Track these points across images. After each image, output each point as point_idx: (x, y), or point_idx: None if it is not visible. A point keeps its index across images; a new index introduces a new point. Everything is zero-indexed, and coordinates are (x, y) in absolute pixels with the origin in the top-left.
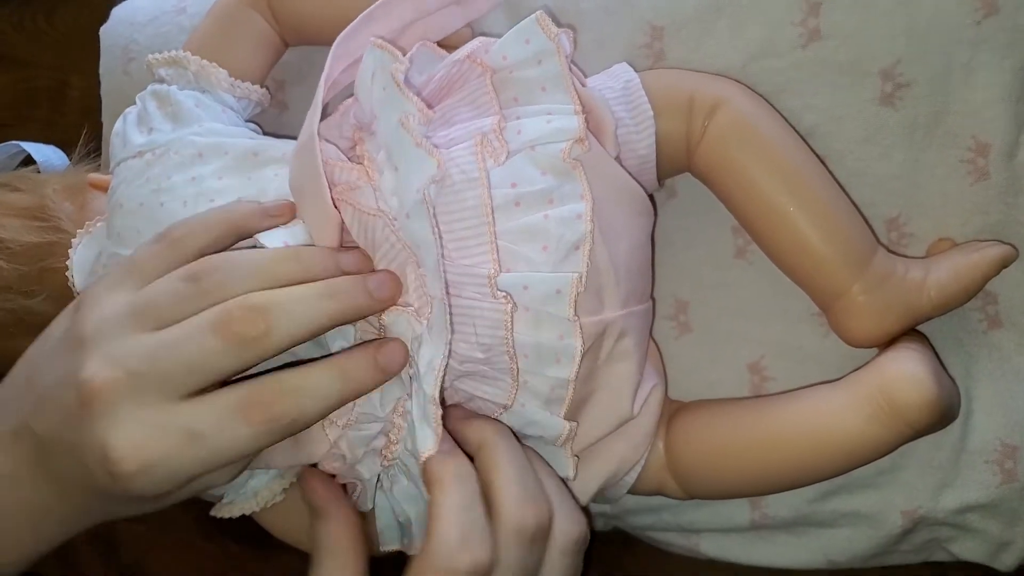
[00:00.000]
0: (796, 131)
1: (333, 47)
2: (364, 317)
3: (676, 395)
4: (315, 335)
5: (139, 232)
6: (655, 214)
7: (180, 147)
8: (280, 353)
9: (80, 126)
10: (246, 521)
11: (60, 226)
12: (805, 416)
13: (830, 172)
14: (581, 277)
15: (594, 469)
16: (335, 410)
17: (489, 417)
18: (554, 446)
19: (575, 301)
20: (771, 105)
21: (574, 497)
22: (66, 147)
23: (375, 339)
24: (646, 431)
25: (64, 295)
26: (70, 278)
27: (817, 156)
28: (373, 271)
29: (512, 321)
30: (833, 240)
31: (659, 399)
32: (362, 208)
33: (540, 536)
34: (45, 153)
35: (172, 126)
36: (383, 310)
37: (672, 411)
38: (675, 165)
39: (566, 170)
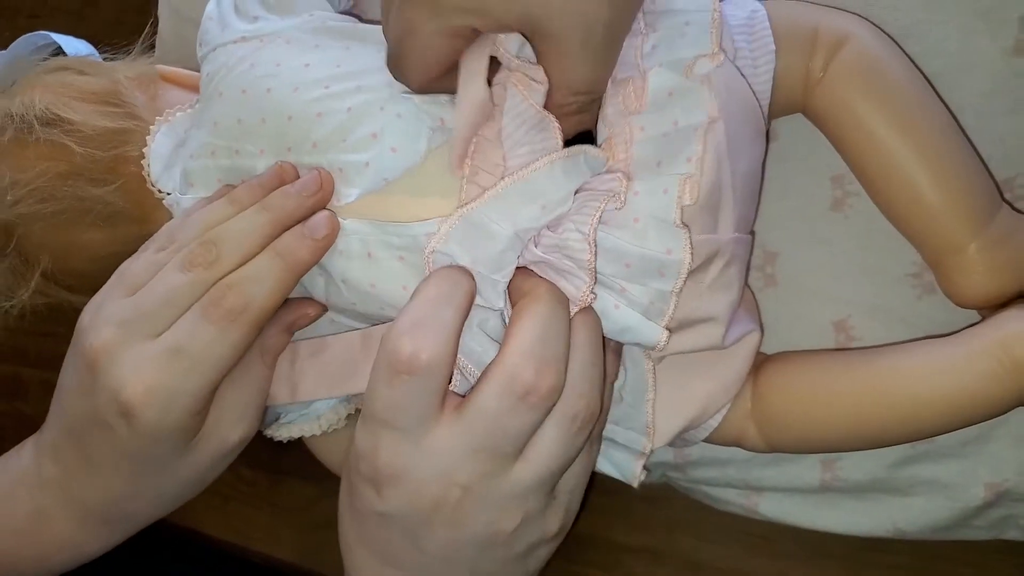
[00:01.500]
0: (923, 75)
1: None
2: (304, 217)
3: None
4: (264, 246)
5: (239, 121)
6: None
7: (293, 34)
8: (236, 269)
9: (114, 22)
10: (259, 447)
11: (135, 113)
12: (913, 367)
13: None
14: (690, 178)
15: (679, 407)
16: (287, 292)
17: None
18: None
19: (681, 205)
20: (899, 46)
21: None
22: (96, 45)
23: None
24: (737, 373)
25: (138, 185)
26: (145, 167)
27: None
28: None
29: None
30: (954, 193)
31: (754, 344)
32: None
33: (532, 400)
34: (75, 47)
35: (279, 16)
36: (319, 206)
37: (759, 361)
38: (789, 103)
39: (693, 86)
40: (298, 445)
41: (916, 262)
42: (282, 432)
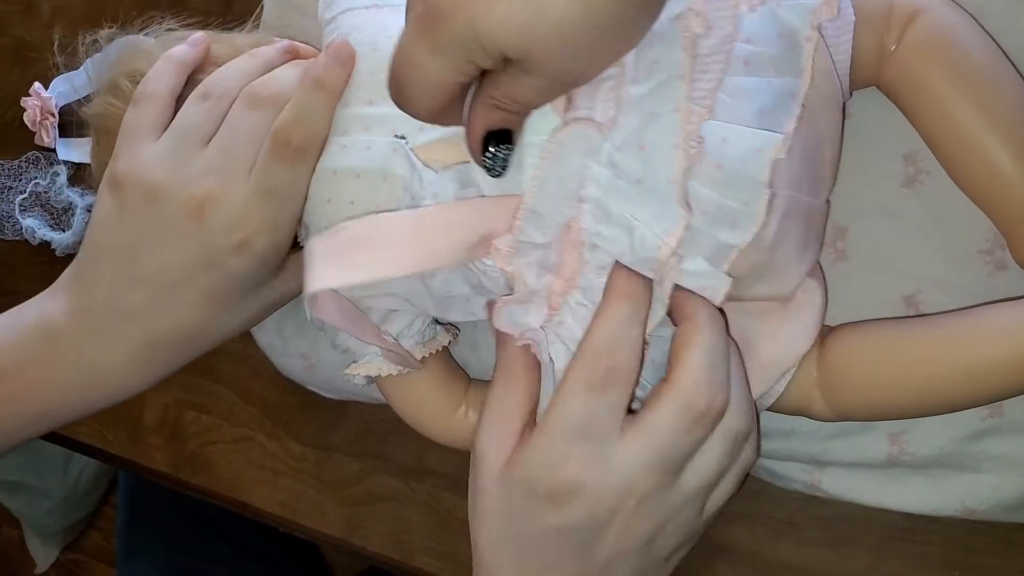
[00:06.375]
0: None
1: None
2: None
3: (825, 322)
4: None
5: (371, 74)
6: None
7: None
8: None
9: (221, 5)
10: (309, 423)
11: None
12: (986, 327)
13: None
14: (785, 140)
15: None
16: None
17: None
18: None
19: (772, 165)
20: (975, 20)
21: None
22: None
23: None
24: (799, 335)
25: None
26: None
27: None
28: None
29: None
30: None
31: (818, 303)
32: None
33: (707, 420)
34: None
35: None
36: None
37: (824, 332)
38: (864, 76)
39: (798, 41)
40: (345, 423)
41: (988, 238)
42: (362, 370)
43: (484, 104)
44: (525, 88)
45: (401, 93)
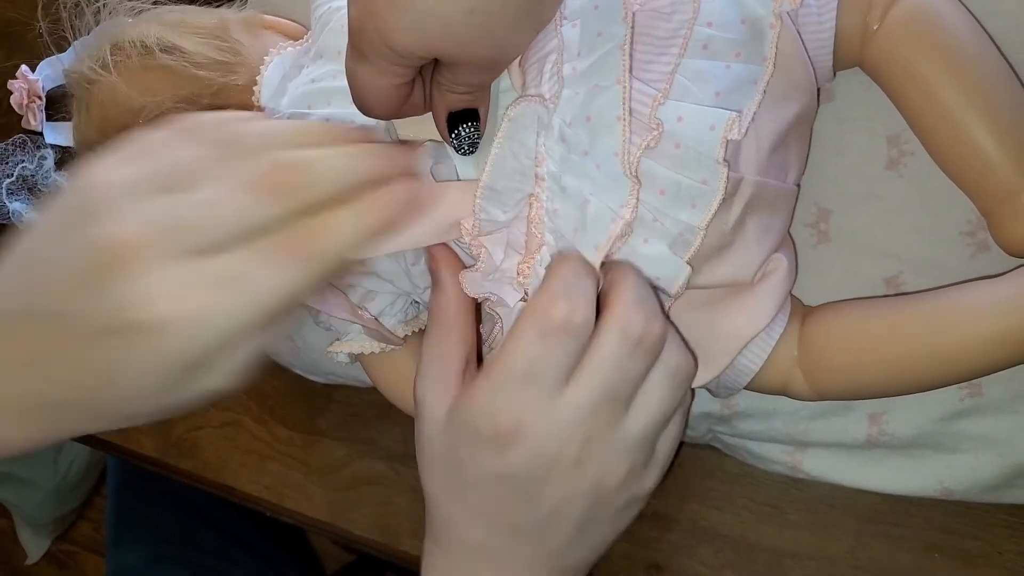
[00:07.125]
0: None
1: None
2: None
3: (806, 303)
4: (342, 188)
5: (339, 52)
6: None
7: None
8: (312, 204)
9: None
10: (296, 407)
11: (238, 49)
12: (963, 305)
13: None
14: (739, 117)
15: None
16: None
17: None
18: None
19: (727, 142)
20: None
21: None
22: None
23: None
24: (761, 306)
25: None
26: (256, 92)
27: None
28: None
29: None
30: (1008, 139)
31: (782, 273)
32: None
33: (645, 346)
34: None
35: None
36: (401, 173)
37: (805, 312)
38: (846, 57)
39: (762, 28)
40: (332, 408)
41: (971, 220)
42: (343, 347)
43: (439, 90)
44: (462, 74)
45: (357, 103)
